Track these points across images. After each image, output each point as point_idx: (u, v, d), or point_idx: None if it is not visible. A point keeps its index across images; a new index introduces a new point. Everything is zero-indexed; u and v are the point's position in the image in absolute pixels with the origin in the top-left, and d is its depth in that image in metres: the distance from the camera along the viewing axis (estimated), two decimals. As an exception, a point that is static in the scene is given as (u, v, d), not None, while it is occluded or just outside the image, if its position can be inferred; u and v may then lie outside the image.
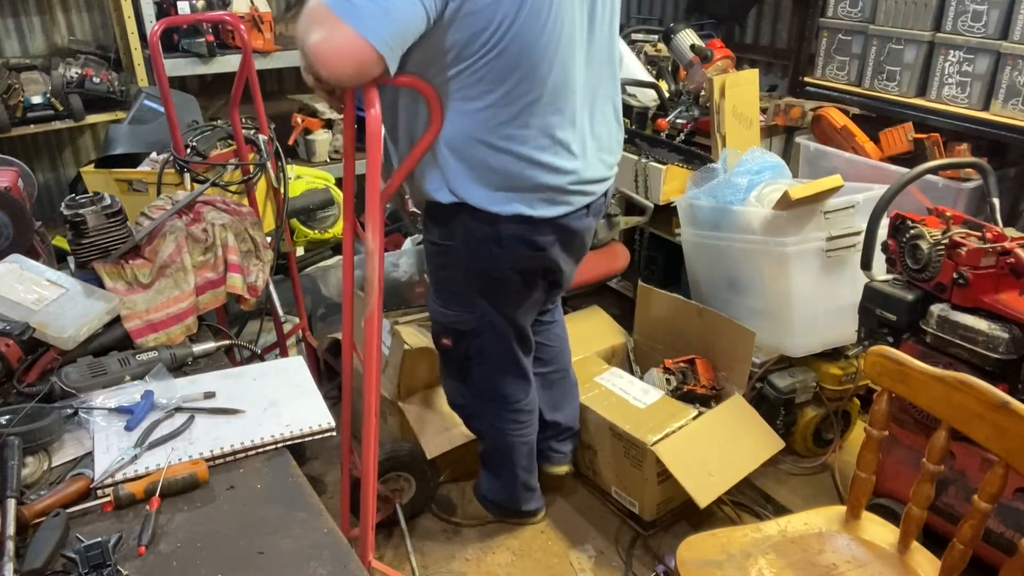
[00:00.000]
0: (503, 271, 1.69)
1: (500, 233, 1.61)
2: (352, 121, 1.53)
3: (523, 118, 1.49)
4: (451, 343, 1.85)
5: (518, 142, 1.51)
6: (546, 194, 1.59)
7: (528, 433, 2.05)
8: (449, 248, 1.69)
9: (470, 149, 1.51)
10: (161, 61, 2.08)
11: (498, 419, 1.99)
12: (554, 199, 1.61)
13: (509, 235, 1.61)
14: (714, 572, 1.43)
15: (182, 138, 2.18)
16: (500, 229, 1.60)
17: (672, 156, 2.71)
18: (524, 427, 2.03)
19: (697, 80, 2.86)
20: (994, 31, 2.49)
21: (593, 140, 1.65)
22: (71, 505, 1.17)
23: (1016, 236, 1.83)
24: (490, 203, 1.57)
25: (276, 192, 2.35)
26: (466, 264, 1.70)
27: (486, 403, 1.97)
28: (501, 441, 2.03)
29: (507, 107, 1.47)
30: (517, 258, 1.66)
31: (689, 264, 2.69)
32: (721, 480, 2.08)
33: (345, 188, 1.59)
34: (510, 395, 1.96)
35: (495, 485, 2.15)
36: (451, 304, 1.80)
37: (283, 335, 2.52)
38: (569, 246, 1.73)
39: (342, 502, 1.88)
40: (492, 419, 2.00)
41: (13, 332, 1.42)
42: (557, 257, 1.71)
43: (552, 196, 1.60)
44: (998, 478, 1.26)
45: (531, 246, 1.65)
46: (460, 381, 1.97)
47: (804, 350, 2.38)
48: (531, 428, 2.05)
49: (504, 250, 1.64)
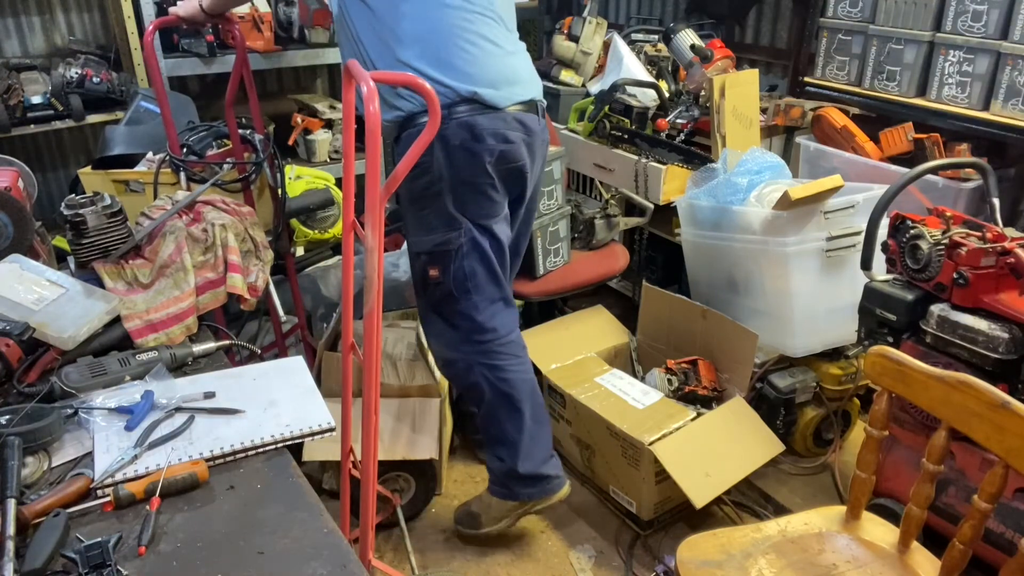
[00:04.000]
0: (484, 170, 1.85)
1: (476, 131, 1.81)
2: (352, 121, 1.53)
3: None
4: (439, 273, 1.92)
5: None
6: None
7: (527, 370, 2.07)
8: (430, 165, 1.82)
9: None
10: (155, 61, 2.08)
11: (493, 356, 2.00)
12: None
13: (484, 130, 1.82)
14: (714, 572, 1.43)
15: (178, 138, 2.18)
16: (476, 128, 1.81)
17: (672, 156, 2.71)
18: (522, 362, 2.05)
19: (697, 80, 2.86)
20: (994, 31, 2.49)
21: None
22: (71, 505, 1.17)
23: (1016, 236, 1.83)
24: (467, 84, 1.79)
25: (273, 191, 2.35)
26: (447, 175, 1.84)
27: (477, 342, 1.98)
28: (501, 382, 2.00)
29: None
30: (494, 153, 1.84)
31: (689, 264, 2.69)
32: (719, 481, 2.08)
33: (345, 188, 1.59)
34: (500, 326, 1.99)
35: (503, 451, 2.06)
36: (435, 226, 1.89)
37: (282, 335, 2.52)
38: (531, 148, 1.93)
39: (342, 502, 1.88)
40: (486, 358, 1.99)
41: (13, 332, 1.42)
42: (524, 156, 1.92)
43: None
44: (998, 478, 1.26)
45: (504, 140, 1.86)
46: (450, 324, 1.99)
47: (804, 350, 2.38)
48: (528, 365, 2.08)
49: (481, 144, 1.82)
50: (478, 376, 2.01)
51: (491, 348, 1.99)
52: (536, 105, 1.95)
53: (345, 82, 1.50)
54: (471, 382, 2.03)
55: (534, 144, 1.95)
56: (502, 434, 2.06)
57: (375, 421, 1.56)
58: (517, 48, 1.97)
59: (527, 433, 2.04)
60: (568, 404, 2.36)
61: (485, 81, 1.82)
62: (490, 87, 1.83)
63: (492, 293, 1.98)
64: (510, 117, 1.87)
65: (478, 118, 1.82)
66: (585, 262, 2.72)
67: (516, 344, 2.05)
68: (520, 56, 1.96)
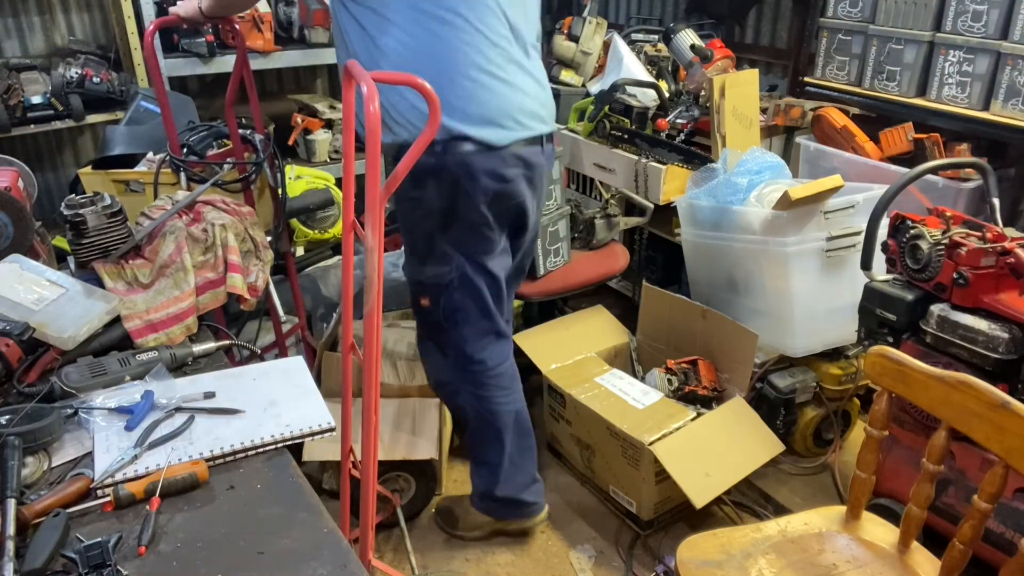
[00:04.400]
0: (477, 209, 1.77)
1: (471, 169, 1.71)
2: (352, 121, 1.53)
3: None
4: (429, 303, 1.89)
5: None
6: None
7: (514, 401, 2.04)
8: (422, 199, 1.75)
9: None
10: (156, 61, 2.08)
11: (481, 387, 1.99)
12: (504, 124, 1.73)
13: (479, 169, 1.72)
14: (714, 572, 1.43)
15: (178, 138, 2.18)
16: (470, 165, 1.71)
17: (672, 156, 2.71)
18: (508, 393, 2.02)
19: (697, 80, 2.86)
20: (994, 31, 2.49)
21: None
22: (71, 505, 1.17)
23: (1016, 236, 1.83)
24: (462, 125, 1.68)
25: (274, 191, 2.35)
26: (441, 210, 1.77)
27: (467, 372, 1.97)
28: (486, 411, 2.01)
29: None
30: (488, 192, 1.75)
31: (689, 264, 2.69)
32: (718, 481, 2.08)
33: (345, 188, 1.58)
34: (488, 358, 1.97)
35: (484, 473, 2.10)
36: (428, 259, 1.84)
37: (282, 335, 2.52)
38: (532, 182, 1.84)
39: (342, 502, 1.88)
40: (475, 387, 1.99)
41: (13, 332, 1.42)
42: (523, 193, 1.82)
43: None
44: (998, 478, 1.26)
45: (500, 179, 1.76)
46: (440, 350, 1.98)
47: (804, 350, 2.38)
48: (516, 396, 2.05)
49: (475, 184, 1.73)
50: (464, 401, 2.03)
51: (478, 379, 1.98)
52: (541, 137, 1.84)
53: (345, 82, 1.50)
54: (457, 404, 2.07)
55: (535, 177, 1.86)
56: (483, 457, 2.10)
57: (375, 421, 1.56)
58: (527, 74, 1.79)
59: (507, 460, 2.07)
60: (568, 404, 2.36)
61: (481, 119, 1.70)
62: (487, 125, 1.71)
63: (483, 326, 1.94)
64: (508, 155, 1.76)
65: (473, 156, 1.71)
66: (585, 262, 2.72)
67: (505, 376, 2.02)
68: (530, 85, 1.80)
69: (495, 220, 1.82)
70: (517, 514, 2.16)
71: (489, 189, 1.76)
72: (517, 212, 1.87)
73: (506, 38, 1.72)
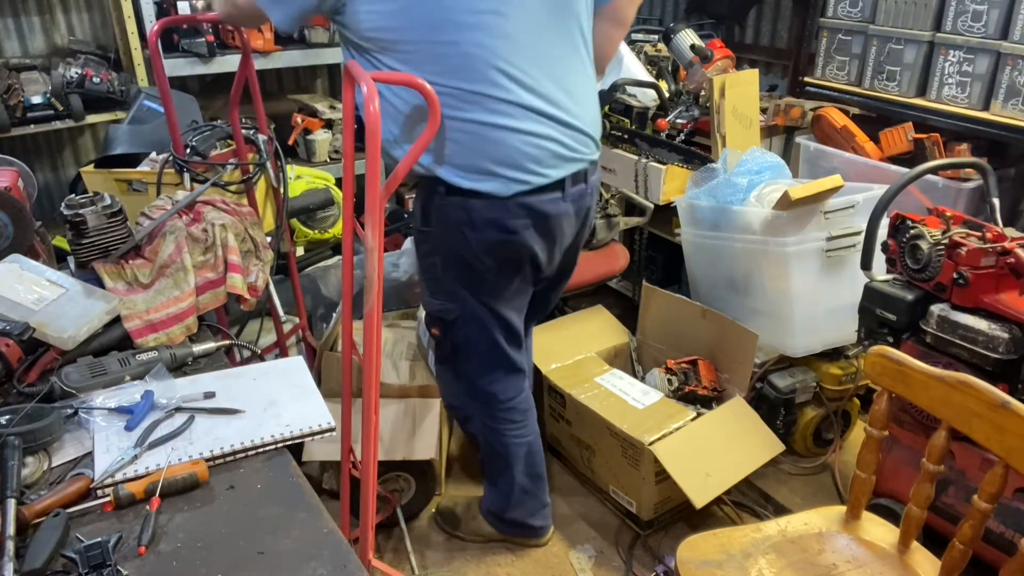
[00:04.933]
0: (478, 257, 1.69)
1: (472, 216, 1.62)
2: (352, 121, 1.53)
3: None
4: (439, 333, 1.86)
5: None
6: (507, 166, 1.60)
7: (525, 434, 2.02)
8: (429, 234, 1.72)
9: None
10: (160, 61, 2.08)
11: (491, 419, 1.97)
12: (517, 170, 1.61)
13: (481, 218, 1.63)
14: (714, 572, 1.43)
15: (182, 138, 2.18)
16: (472, 213, 1.62)
17: (672, 156, 2.71)
18: (519, 427, 2.00)
19: (697, 80, 2.86)
20: (994, 31, 2.49)
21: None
22: (71, 505, 1.17)
23: (1016, 236, 1.83)
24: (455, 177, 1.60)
25: (276, 192, 2.35)
26: (444, 250, 1.72)
27: (478, 402, 1.96)
28: (497, 443, 2.00)
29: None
30: (490, 243, 1.66)
31: (689, 264, 2.69)
32: (719, 481, 2.08)
33: (345, 188, 1.59)
34: (499, 392, 1.94)
35: (494, 495, 2.12)
36: (436, 293, 1.81)
37: (283, 335, 2.52)
38: (544, 232, 1.70)
39: (342, 502, 1.88)
40: (486, 419, 1.98)
41: (13, 332, 1.42)
42: (532, 243, 1.69)
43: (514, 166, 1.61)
44: (998, 478, 1.26)
45: (503, 229, 1.64)
46: (453, 376, 1.96)
47: (804, 350, 2.38)
48: (528, 429, 2.02)
49: (477, 233, 1.64)
50: (475, 429, 2.03)
51: (489, 410, 1.97)
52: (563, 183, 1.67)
53: (345, 82, 1.50)
54: (469, 430, 2.08)
55: (549, 226, 1.70)
56: (495, 480, 2.10)
57: (375, 421, 1.56)
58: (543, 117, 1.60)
59: (517, 488, 2.07)
60: (568, 404, 2.36)
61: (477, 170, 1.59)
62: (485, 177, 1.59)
63: (493, 362, 1.89)
64: (513, 205, 1.63)
65: (473, 202, 1.61)
66: (585, 262, 2.71)
67: (516, 410, 1.98)
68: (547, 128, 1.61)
69: (499, 267, 1.72)
70: (523, 535, 2.18)
71: (491, 239, 1.66)
72: (530, 261, 1.75)
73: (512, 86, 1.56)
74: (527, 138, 1.60)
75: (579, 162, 1.70)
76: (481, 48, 1.53)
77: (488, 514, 2.16)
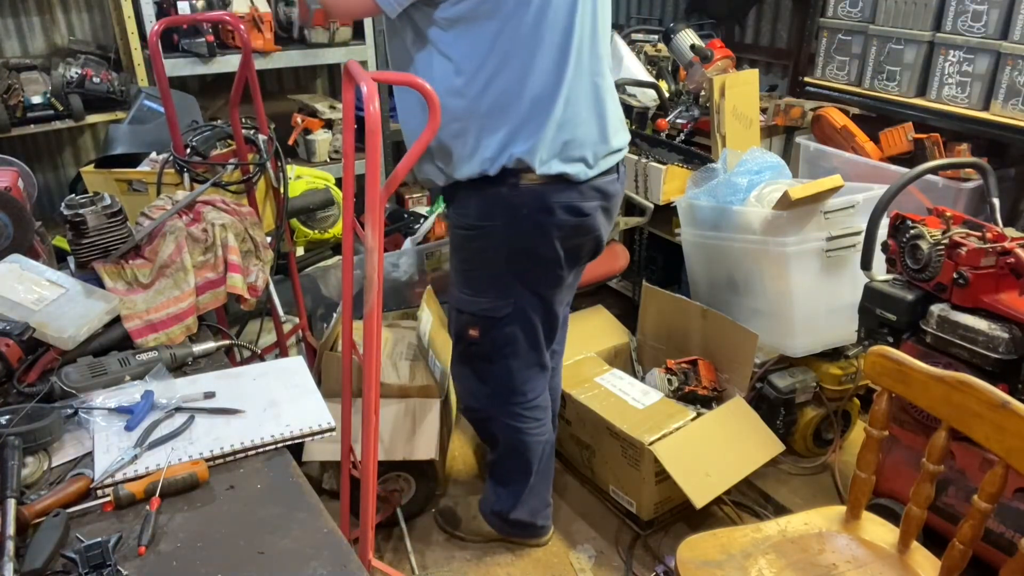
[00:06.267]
0: (552, 244, 1.69)
1: (548, 202, 1.63)
2: (352, 120, 1.53)
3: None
4: (479, 334, 1.83)
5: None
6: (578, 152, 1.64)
7: (545, 431, 2.02)
8: (488, 230, 1.69)
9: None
10: (161, 61, 2.08)
11: (516, 418, 1.96)
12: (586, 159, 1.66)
13: (558, 203, 1.64)
14: (714, 572, 1.43)
15: (182, 138, 2.18)
16: (548, 199, 1.63)
17: (672, 156, 2.71)
18: (542, 424, 2.00)
19: (697, 80, 2.86)
20: (994, 31, 2.49)
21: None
22: (71, 505, 1.17)
23: (1016, 236, 1.83)
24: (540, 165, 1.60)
25: (276, 192, 2.35)
26: (508, 244, 1.69)
27: (504, 402, 1.94)
28: (518, 442, 1.99)
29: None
30: (567, 227, 1.68)
31: (689, 264, 2.69)
32: (719, 481, 2.08)
33: (345, 188, 1.59)
34: (530, 390, 1.93)
35: (501, 494, 2.10)
36: (485, 291, 1.78)
37: (283, 335, 2.52)
38: (608, 213, 1.77)
39: (342, 502, 1.88)
40: (509, 418, 1.96)
41: (13, 332, 1.41)
42: (600, 225, 1.74)
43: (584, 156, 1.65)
44: (998, 478, 1.26)
45: (578, 213, 1.67)
46: (480, 379, 1.94)
47: (804, 350, 2.38)
48: (547, 426, 2.03)
49: (553, 218, 1.65)
50: (497, 429, 2.01)
51: (515, 410, 1.95)
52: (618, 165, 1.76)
53: (345, 82, 1.50)
54: (489, 433, 2.06)
55: (611, 207, 1.78)
56: (506, 480, 2.09)
57: (375, 421, 1.56)
58: (608, 99, 1.69)
59: (529, 487, 2.07)
60: (568, 404, 2.36)
61: (563, 156, 1.62)
62: (569, 161, 1.63)
63: (531, 359, 1.89)
64: (587, 187, 1.67)
65: (549, 187, 1.63)
66: (585, 262, 2.72)
67: (540, 408, 1.99)
68: (610, 109, 1.70)
69: (567, 256, 1.74)
70: (525, 535, 2.18)
71: (565, 224, 1.67)
72: (592, 245, 1.78)
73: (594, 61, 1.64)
74: (597, 122, 1.67)
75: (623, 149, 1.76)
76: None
77: (491, 515, 2.15)
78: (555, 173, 1.62)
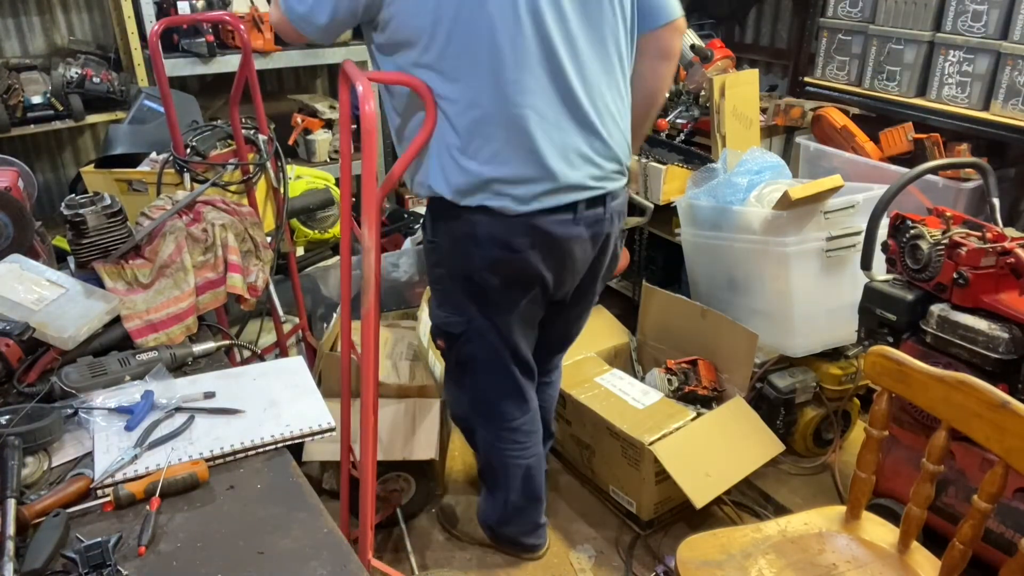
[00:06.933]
0: (481, 273, 1.64)
1: (476, 232, 1.58)
2: (349, 121, 1.53)
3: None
4: (444, 345, 1.83)
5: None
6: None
7: (525, 456, 1.96)
8: (436, 246, 1.69)
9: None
10: (161, 61, 2.08)
11: (495, 437, 1.93)
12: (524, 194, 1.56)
13: (484, 235, 1.58)
14: (714, 572, 1.43)
15: (182, 138, 2.18)
16: (476, 228, 1.58)
17: (672, 156, 2.71)
18: (521, 448, 1.95)
19: (697, 80, 2.86)
20: (994, 31, 2.49)
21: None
22: (71, 505, 1.17)
23: (1016, 236, 1.83)
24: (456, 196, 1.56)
25: (276, 192, 2.35)
26: (449, 264, 1.68)
27: (483, 417, 1.92)
28: (497, 460, 1.97)
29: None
30: (493, 260, 1.61)
31: (689, 264, 2.69)
32: (719, 481, 2.08)
33: (343, 187, 1.59)
34: (505, 412, 1.89)
35: (490, 505, 2.09)
36: (443, 304, 1.78)
37: (283, 335, 2.52)
38: (550, 254, 1.62)
39: (342, 502, 1.88)
40: (488, 434, 1.94)
41: (13, 332, 1.42)
42: (537, 264, 1.62)
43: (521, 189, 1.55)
44: (998, 478, 1.26)
45: (506, 247, 1.59)
46: (459, 388, 1.93)
47: (804, 350, 2.38)
48: (529, 451, 1.97)
49: (480, 250, 1.60)
50: (478, 441, 2.00)
51: (495, 429, 1.93)
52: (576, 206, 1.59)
53: (342, 82, 1.50)
54: (472, 442, 2.05)
55: (556, 249, 1.62)
56: (491, 488, 2.07)
57: (374, 421, 1.56)
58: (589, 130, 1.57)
59: (511, 506, 2.03)
60: (568, 404, 2.36)
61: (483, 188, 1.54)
62: (491, 195, 1.54)
63: (497, 380, 1.84)
64: (517, 223, 1.56)
65: (478, 216, 1.56)
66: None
67: (521, 432, 1.92)
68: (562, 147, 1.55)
69: (505, 285, 1.66)
70: (515, 550, 2.15)
71: (489, 256, 1.61)
72: (538, 283, 1.67)
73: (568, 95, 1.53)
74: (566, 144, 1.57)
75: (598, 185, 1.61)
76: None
77: (483, 524, 2.14)
78: (475, 205, 1.56)
